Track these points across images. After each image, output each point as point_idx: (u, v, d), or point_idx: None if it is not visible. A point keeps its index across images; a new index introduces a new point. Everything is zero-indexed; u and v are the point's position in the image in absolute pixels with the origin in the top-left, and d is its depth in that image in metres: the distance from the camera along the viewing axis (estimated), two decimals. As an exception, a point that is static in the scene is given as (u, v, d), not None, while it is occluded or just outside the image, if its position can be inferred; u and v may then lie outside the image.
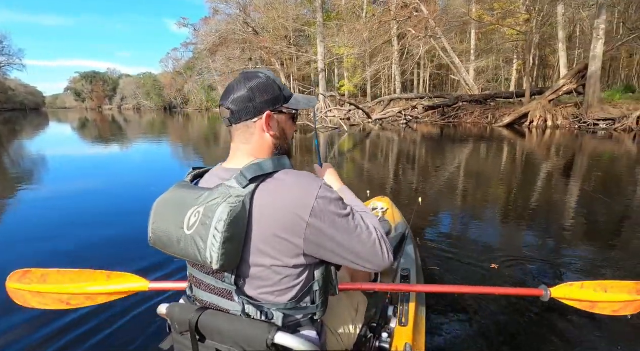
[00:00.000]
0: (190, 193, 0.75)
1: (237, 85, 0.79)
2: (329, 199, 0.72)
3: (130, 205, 4.13)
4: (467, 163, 6.91)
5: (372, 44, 19.87)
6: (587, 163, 6.70)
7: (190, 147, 10.30)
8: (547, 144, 9.22)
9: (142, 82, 72.45)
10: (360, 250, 0.75)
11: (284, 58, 35.91)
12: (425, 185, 4.96)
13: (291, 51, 30.35)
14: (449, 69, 32.73)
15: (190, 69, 51.88)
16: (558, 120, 11.46)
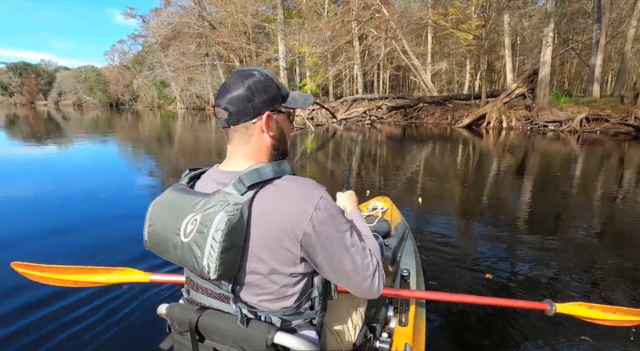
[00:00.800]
0: (186, 198, 0.72)
1: (233, 85, 0.75)
2: (328, 210, 0.70)
3: (71, 217, 3.53)
4: (446, 163, 6.99)
5: (334, 43, 19.76)
6: (558, 163, 7.05)
7: (141, 147, 9.55)
8: (508, 145, 9.65)
9: (84, 75, 66.22)
10: (350, 269, 0.73)
11: (243, 55, 34.73)
12: (413, 184, 4.90)
13: (251, 48, 29.36)
14: (406, 71, 33.96)
15: (140, 63, 48.45)
16: (512, 121, 12.16)
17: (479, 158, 7.80)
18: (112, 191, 4.61)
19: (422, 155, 7.92)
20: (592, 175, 6.01)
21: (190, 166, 0.86)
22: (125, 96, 57.29)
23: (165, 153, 8.41)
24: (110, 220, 3.41)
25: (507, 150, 8.59)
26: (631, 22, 17.85)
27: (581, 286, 2.21)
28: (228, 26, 29.40)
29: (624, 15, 21.20)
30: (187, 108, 42.58)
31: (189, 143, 10.62)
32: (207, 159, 7.52)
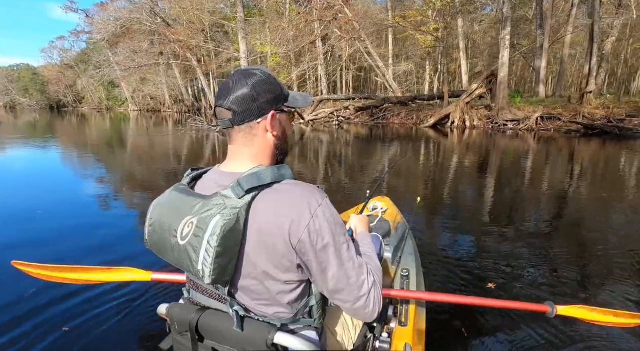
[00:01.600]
0: (185, 200, 0.71)
1: (237, 84, 0.73)
2: (326, 219, 0.69)
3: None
4: (421, 161, 6.95)
5: (298, 44, 19.42)
6: (529, 161, 7.35)
7: (88, 154, 8.60)
8: (474, 144, 9.96)
9: (17, 75, 59.66)
10: (343, 284, 0.71)
11: (201, 54, 33.17)
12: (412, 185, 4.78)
13: (209, 47, 28.07)
14: (369, 72, 34.55)
15: (84, 62, 44.65)
16: (474, 121, 12.63)
17: (449, 156, 7.96)
18: (52, 204, 4.05)
19: (394, 154, 7.96)
20: (558, 169, 6.37)
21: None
22: (68, 97, 52.56)
23: (117, 161, 7.70)
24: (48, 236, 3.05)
25: (474, 149, 8.88)
26: (567, 28, 19.56)
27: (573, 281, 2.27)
28: (184, 24, 27.83)
29: (562, 22, 23.20)
30: (141, 111, 39.92)
31: (144, 149, 9.76)
32: (164, 165, 6.97)
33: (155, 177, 5.62)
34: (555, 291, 2.15)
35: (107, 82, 41.25)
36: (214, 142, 10.76)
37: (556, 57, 24.57)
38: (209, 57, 32.32)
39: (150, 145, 10.53)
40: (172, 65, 32.68)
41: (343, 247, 0.71)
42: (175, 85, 35.73)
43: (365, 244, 0.91)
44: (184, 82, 35.38)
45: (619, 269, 2.39)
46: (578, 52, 27.21)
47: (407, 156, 7.70)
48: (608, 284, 2.22)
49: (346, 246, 0.72)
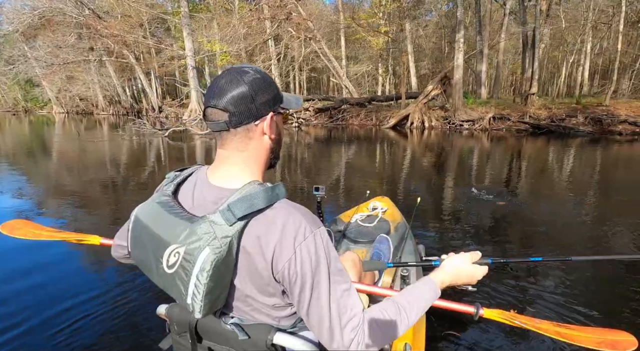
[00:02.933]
0: (169, 222, 0.66)
1: (232, 83, 0.67)
2: (310, 255, 0.62)
3: None
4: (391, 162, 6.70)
5: (250, 42, 18.45)
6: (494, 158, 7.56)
7: (2, 163, 7.24)
8: (436, 143, 10.11)
9: None
10: (316, 330, 0.64)
11: (139, 51, 30.30)
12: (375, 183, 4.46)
13: (150, 43, 25.67)
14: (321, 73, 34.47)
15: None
16: (432, 121, 12.92)
17: (419, 157, 7.86)
18: None
19: (362, 155, 7.95)
20: (521, 167, 6.66)
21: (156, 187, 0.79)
22: (-27, 98, 44.83)
23: (41, 171, 6.62)
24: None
25: (438, 149, 9.01)
26: (501, 36, 21.30)
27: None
28: (118, 17, 25.09)
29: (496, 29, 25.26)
30: (68, 113, 35.37)
31: (74, 157, 8.29)
32: (101, 174, 6.01)
33: (91, 189, 4.97)
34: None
35: (23, 80, 35.87)
36: (159, 148, 9.70)
37: (491, 62, 26.75)
38: (149, 55, 29.64)
39: (82, 153, 9.06)
40: (106, 63, 29.35)
41: (322, 287, 0.63)
42: (110, 85, 32.19)
43: (414, 294, 0.74)
44: (120, 81, 32.05)
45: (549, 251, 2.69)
46: (508, 58, 29.90)
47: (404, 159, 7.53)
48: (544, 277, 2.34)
49: (326, 287, 0.63)
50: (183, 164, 7.77)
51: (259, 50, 21.94)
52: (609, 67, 27.29)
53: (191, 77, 22.39)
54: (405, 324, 0.68)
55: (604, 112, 10.83)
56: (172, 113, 26.16)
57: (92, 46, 27.66)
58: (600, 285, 2.31)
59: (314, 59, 27.92)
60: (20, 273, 2.31)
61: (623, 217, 3.65)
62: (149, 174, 6.30)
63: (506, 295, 2.12)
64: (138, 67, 26.88)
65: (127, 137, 11.54)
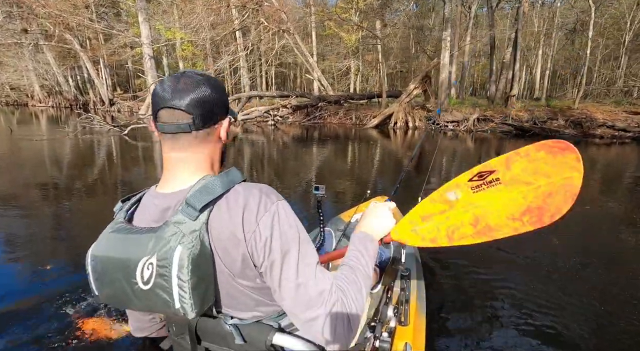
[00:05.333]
0: (132, 241, 0.63)
1: (193, 85, 0.65)
2: (272, 226, 0.62)
3: None
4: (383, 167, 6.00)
5: (218, 32, 16.91)
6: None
7: None
8: (424, 145, 9.69)
9: None
10: (290, 302, 0.62)
11: (85, 36, 27.02)
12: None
13: (97, 27, 22.84)
14: (289, 68, 33.31)
15: None
16: (416, 121, 12.58)
17: (400, 156, 7.32)
18: None
19: (345, 156, 7.52)
20: None
21: (119, 197, 0.74)
22: None
23: None
24: None
25: (423, 149, 8.62)
26: (466, 38, 21.88)
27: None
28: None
29: (461, 32, 26.02)
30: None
31: (8, 161, 6.71)
32: (41, 179, 4.89)
33: (28, 195, 4.24)
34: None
35: (-64, 64, 30.51)
36: (112, 148, 8.39)
37: (457, 64, 27.60)
38: (96, 40, 26.51)
39: (16, 154, 7.39)
40: (43, 48, 25.75)
41: (291, 258, 0.62)
42: (49, 73, 28.39)
43: (356, 253, 0.74)
44: (62, 69, 28.39)
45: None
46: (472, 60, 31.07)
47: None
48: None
49: (295, 256, 0.62)
50: (143, 166, 6.67)
51: (226, 41, 20.35)
52: (559, 73, 29.53)
53: (149, 67, 20.16)
54: (354, 283, 0.67)
55: (582, 115, 11.20)
56: (126, 107, 23.62)
57: (25, 28, 23.99)
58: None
59: (283, 53, 26.77)
60: (18, 276, 2.26)
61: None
62: (101, 180, 5.33)
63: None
64: (84, 55, 23.87)
65: (74, 135, 9.77)
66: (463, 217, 0.78)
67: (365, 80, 30.32)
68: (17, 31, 23.75)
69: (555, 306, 2.04)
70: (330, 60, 27.19)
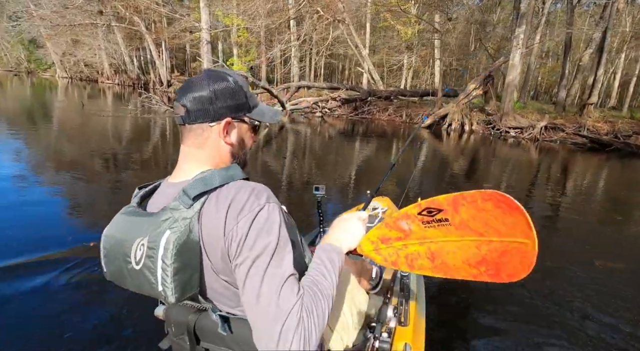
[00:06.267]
0: (133, 222, 0.67)
1: (199, 83, 0.70)
2: (248, 228, 0.61)
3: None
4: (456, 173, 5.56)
5: (274, 20, 16.96)
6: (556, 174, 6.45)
7: (4, 125, 7.26)
8: (478, 149, 8.97)
9: None
10: (253, 310, 0.59)
11: (151, 19, 28.62)
12: None
13: (162, 11, 24.02)
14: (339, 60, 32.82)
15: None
16: (473, 125, 11.71)
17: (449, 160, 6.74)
18: None
19: (390, 155, 6.98)
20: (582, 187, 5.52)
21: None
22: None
23: (41, 141, 6.09)
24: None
25: (478, 155, 7.94)
26: (535, 37, 19.90)
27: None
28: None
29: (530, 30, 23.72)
30: (72, 78, 33.86)
31: (78, 131, 7.31)
32: (104, 151, 5.48)
33: (91, 163, 4.69)
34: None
35: (27, 39, 34.18)
36: (166, 128, 8.75)
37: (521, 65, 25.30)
38: (160, 24, 27.96)
39: (85, 126, 8.11)
40: (114, 29, 27.73)
41: (261, 263, 0.60)
42: (117, 53, 30.60)
43: (321, 267, 0.70)
44: (128, 50, 30.46)
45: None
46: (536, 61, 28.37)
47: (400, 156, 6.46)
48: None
49: (266, 263, 0.60)
50: None
51: (279, 30, 20.40)
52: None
53: (205, 52, 20.85)
54: (327, 299, 0.64)
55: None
56: (182, 88, 24.80)
57: (101, 10, 25.98)
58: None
59: (335, 44, 26.33)
60: (17, 277, 2.20)
61: None
62: (154, 158, 5.69)
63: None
64: (148, 37, 25.31)
65: (135, 113, 10.38)
66: (419, 248, 0.76)
67: (416, 76, 29.00)
68: (94, 12, 25.81)
69: (556, 306, 1.98)
70: (382, 54, 26.29)
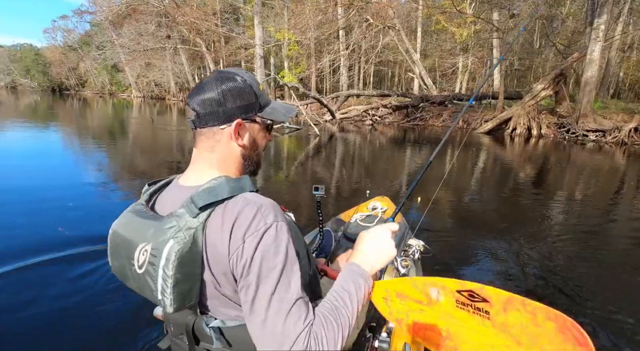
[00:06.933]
0: (139, 223, 0.67)
1: (208, 85, 0.70)
2: (255, 249, 0.59)
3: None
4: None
5: (323, 31, 17.28)
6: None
7: (89, 139, 8.56)
8: (548, 155, 7.99)
9: (19, 55, 57.72)
10: (257, 333, 0.58)
11: (210, 39, 31.04)
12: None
13: (221, 31, 25.92)
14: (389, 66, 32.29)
15: (88, 44, 42.63)
16: (542, 128, 10.56)
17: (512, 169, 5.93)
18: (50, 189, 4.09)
19: (448, 166, 6.58)
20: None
21: (148, 179, 0.80)
22: (70, 80, 50.66)
23: (118, 153, 6.97)
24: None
25: (549, 163, 6.97)
26: (617, 28, 17.47)
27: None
28: (194, 6, 25.66)
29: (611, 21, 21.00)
30: (144, 97, 37.95)
31: (147, 143, 8.06)
32: (169, 160, 6.09)
33: (159, 173, 5.30)
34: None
35: (110, 65, 39.22)
36: None
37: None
38: (219, 43, 30.18)
39: (154, 139, 8.99)
40: (179, 51, 30.60)
41: (267, 287, 0.58)
42: (182, 72, 33.65)
43: (344, 293, 0.66)
44: (191, 69, 33.32)
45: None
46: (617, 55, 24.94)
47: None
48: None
49: (272, 286, 0.58)
50: None
51: (328, 40, 20.71)
52: None
53: (258, 66, 21.98)
54: (344, 328, 0.62)
55: None
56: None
57: (169, 34, 28.93)
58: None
59: (384, 51, 25.98)
60: (18, 276, 2.23)
61: None
62: None
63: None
64: (208, 56, 27.46)
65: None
66: (436, 321, 0.72)
67: (471, 79, 27.31)
68: (163, 37, 28.82)
69: (558, 307, 1.67)
70: (434, 58, 25.26)
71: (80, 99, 31.59)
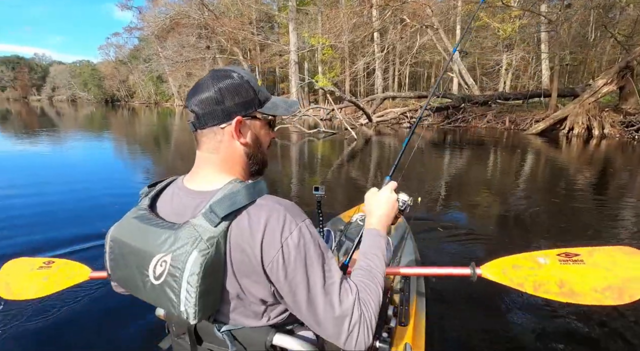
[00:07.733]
0: (151, 232, 0.63)
1: (204, 85, 0.68)
2: (297, 249, 0.61)
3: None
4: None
5: (358, 34, 17.07)
6: None
7: (137, 145, 9.45)
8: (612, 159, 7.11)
9: (78, 70, 63.61)
10: (316, 321, 0.62)
11: (247, 48, 32.06)
12: None
13: (256, 39, 26.64)
14: (425, 67, 31.28)
15: (136, 58, 46.02)
16: (605, 128, 9.54)
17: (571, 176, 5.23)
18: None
19: (491, 170, 6.04)
20: None
21: (157, 179, 0.78)
22: (121, 92, 54.89)
23: (161, 157, 7.61)
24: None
25: (615, 167, 6.11)
26: None
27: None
28: (231, 16, 26.65)
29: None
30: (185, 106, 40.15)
31: (187, 148, 8.41)
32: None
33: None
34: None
35: (155, 76, 41.86)
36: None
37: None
38: (254, 51, 31.08)
39: (192, 144, 9.17)
40: (218, 60, 31.91)
41: (316, 278, 0.61)
42: (220, 81, 35.07)
43: (372, 256, 0.76)
44: (229, 77, 34.63)
45: None
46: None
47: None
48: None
49: (320, 277, 0.62)
50: (280, 163, 7.17)
51: (362, 43, 20.45)
52: None
53: (293, 71, 22.29)
54: (381, 286, 0.70)
55: None
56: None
57: (208, 45, 30.30)
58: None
59: (420, 51, 25.19)
60: None
61: None
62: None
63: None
64: (245, 63, 28.30)
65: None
66: (550, 277, 0.89)
67: (515, 77, 25.59)
68: (202, 48, 30.25)
69: (555, 308, 1.90)
70: (475, 56, 24.03)
71: (129, 109, 33.98)
